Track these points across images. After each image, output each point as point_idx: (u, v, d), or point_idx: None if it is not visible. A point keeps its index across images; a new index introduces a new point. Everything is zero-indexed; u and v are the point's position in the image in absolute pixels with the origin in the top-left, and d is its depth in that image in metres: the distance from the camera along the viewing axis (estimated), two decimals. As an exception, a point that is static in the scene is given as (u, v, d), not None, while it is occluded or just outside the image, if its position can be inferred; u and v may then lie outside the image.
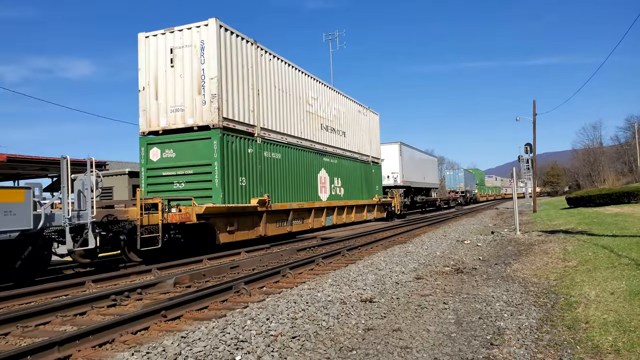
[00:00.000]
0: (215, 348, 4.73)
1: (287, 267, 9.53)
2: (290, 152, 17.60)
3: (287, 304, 6.48)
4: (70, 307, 6.82)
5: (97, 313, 6.83)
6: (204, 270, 9.72)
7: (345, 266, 10.15)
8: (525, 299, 6.74)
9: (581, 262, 9.12)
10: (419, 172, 40.52)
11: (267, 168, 15.91)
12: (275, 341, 4.96)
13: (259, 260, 11.45)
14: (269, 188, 15.89)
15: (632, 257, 8.86)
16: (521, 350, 4.59)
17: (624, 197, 29.96)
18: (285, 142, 17.22)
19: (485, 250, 12.69)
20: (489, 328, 5.41)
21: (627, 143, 75.79)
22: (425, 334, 5.29)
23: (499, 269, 9.47)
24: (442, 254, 11.82)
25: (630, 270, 7.66)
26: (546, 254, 10.91)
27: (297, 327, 5.45)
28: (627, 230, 13.75)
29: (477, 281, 8.23)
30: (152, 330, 5.75)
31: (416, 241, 14.81)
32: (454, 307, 6.41)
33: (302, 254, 12.96)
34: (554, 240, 13.21)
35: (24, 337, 5.72)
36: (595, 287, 6.81)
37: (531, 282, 7.95)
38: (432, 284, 8.08)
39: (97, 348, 5.09)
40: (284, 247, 15.23)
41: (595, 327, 5.08)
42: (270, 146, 16.18)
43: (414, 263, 10.26)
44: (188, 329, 5.42)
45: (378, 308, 6.43)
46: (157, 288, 8.37)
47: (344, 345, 4.94)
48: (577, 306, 6.02)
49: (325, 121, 21.07)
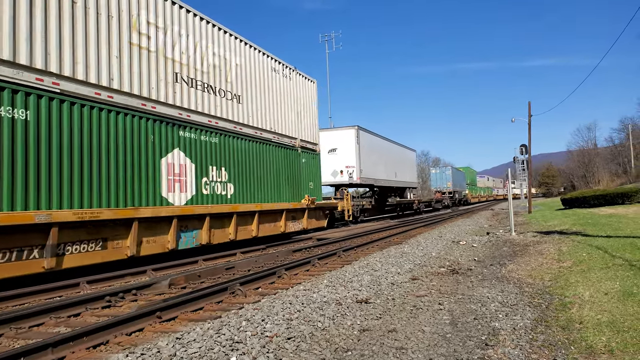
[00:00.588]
0: (210, 349, 4.72)
1: (282, 268, 9.53)
2: (72, 112, 9.44)
3: (282, 304, 6.48)
4: (64, 308, 6.79)
5: (92, 314, 6.80)
6: (199, 271, 9.69)
7: (341, 267, 10.15)
8: (520, 299, 6.76)
9: (576, 262, 9.16)
10: (389, 168, 33.37)
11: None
12: (271, 342, 4.96)
13: (255, 261, 11.44)
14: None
15: (625, 257, 8.91)
16: (515, 351, 4.61)
17: (618, 198, 30.14)
18: (53, 89, 9.12)
19: (480, 251, 12.72)
20: (483, 329, 5.43)
21: (621, 144, 76.24)
22: (420, 334, 5.29)
23: (494, 269, 9.50)
24: (437, 254, 11.84)
25: (624, 270, 7.71)
26: (541, 254, 10.96)
27: (293, 328, 5.45)
28: (621, 231, 13.82)
29: (472, 282, 8.25)
30: (147, 332, 5.73)
31: (412, 242, 14.84)
32: (449, 308, 6.42)
33: (297, 255, 12.96)
34: (549, 241, 13.26)
35: (17, 338, 5.68)
36: (590, 288, 6.84)
37: (526, 282, 7.98)
38: (427, 285, 8.10)
39: (91, 349, 5.07)
40: (279, 248, 15.23)
41: (589, 328, 5.11)
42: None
43: (410, 264, 10.27)
44: (183, 330, 5.41)
45: (374, 309, 6.43)
46: (152, 289, 8.35)
47: (339, 346, 4.94)
48: (571, 307, 6.05)
49: (188, 71, 12.93)
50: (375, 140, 31.25)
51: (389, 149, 34.43)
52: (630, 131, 70.45)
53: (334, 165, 26.49)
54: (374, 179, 29.44)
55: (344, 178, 26.63)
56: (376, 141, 31.34)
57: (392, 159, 34.51)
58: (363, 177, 27.24)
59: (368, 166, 28.28)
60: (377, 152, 30.96)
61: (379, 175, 30.63)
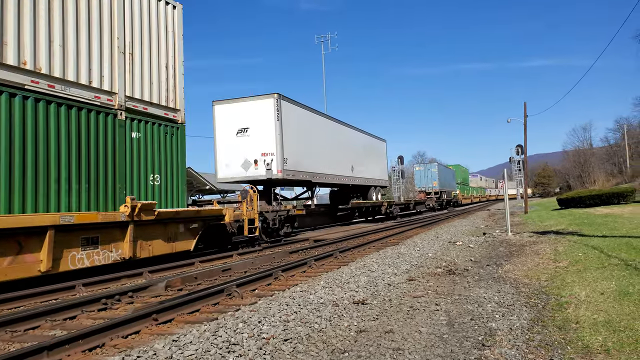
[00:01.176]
0: (207, 351, 4.70)
1: (279, 269, 9.52)
2: None
3: (279, 306, 6.47)
4: (60, 311, 6.75)
5: (88, 317, 6.77)
6: (196, 273, 9.67)
7: (337, 268, 10.15)
8: (516, 299, 6.77)
9: (572, 262, 9.19)
10: (341, 159, 24.78)
11: None
12: (267, 344, 4.94)
13: (251, 262, 11.43)
14: None
15: (621, 257, 8.94)
16: (512, 351, 4.61)
17: (613, 198, 30.27)
18: None
19: (477, 251, 12.74)
20: (480, 329, 5.43)
21: (616, 144, 76.65)
22: (417, 335, 5.29)
23: (491, 270, 9.51)
24: (434, 255, 11.85)
25: (619, 270, 7.73)
26: (537, 254, 10.98)
27: (289, 329, 5.44)
28: (617, 230, 13.88)
29: (469, 282, 8.26)
30: (143, 334, 5.71)
31: (408, 242, 14.85)
32: (446, 309, 6.42)
33: (294, 256, 12.95)
34: (545, 241, 13.30)
35: (12, 341, 5.65)
36: (586, 288, 6.86)
37: (522, 283, 7.99)
38: (424, 286, 8.10)
39: (87, 352, 5.04)
40: (276, 249, 15.21)
41: (586, 327, 5.12)
42: None
43: (406, 264, 10.28)
44: (179, 333, 5.39)
45: (370, 310, 6.43)
46: (148, 291, 8.32)
47: (336, 348, 4.93)
48: (567, 306, 6.06)
49: None
50: (314, 118, 21.72)
51: (341, 133, 25.21)
52: (625, 131, 70.84)
53: (244, 153, 18.12)
54: (311, 172, 20.61)
55: (259, 171, 17.92)
56: (315, 120, 21.85)
57: (346, 147, 25.63)
58: (289, 170, 18.45)
59: (298, 154, 19.38)
60: (317, 136, 21.75)
61: (322, 169, 21.90)
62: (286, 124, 18.47)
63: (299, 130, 19.82)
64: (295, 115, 19.73)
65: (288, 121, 18.71)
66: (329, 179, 23.19)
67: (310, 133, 21.05)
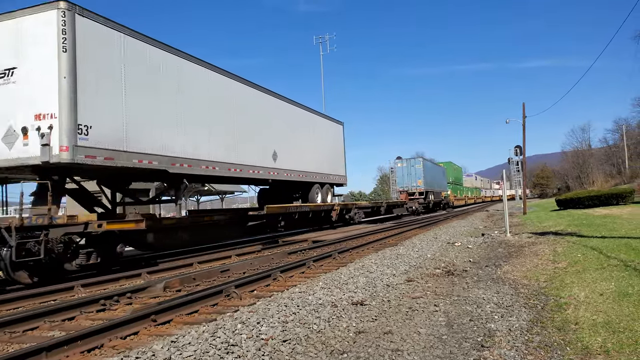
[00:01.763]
0: (206, 352, 4.69)
1: (277, 270, 9.50)
2: None
3: (278, 307, 6.46)
4: (59, 312, 6.74)
5: (86, 318, 6.75)
6: (194, 274, 9.66)
7: (336, 269, 10.14)
8: (515, 300, 6.77)
9: (571, 263, 9.19)
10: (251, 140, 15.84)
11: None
12: (266, 345, 4.94)
13: (250, 263, 11.42)
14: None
15: (620, 258, 8.94)
16: (511, 352, 4.61)
17: (612, 199, 30.30)
18: None
19: (475, 252, 12.74)
20: (479, 330, 5.43)
21: (615, 145, 76.72)
22: (416, 336, 5.29)
23: (490, 271, 9.51)
24: (432, 256, 11.85)
25: (618, 271, 7.73)
26: (536, 255, 10.98)
27: (288, 330, 5.43)
28: (616, 231, 13.88)
29: (467, 283, 8.26)
30: (142, 335, 5.70)
31: (407, 243, 14.84)
32: (444, 310, 6.42)
33: (293, 257, 12.93)
34: (544, 242, 13.30)
35: (11, 342, 5.64)
36: (585, 289, 6.86)
37: (521, 283, 7.99)
38: (423, 287, 8.10)
39: (85, 353, 5.04)
40: (274, 250, 15.21)
41: (585, 328, 5.12)
42: None
43: (405, 265, 10.27)
44: (178, 333, 5.38)
45: (369, 311, 6.42)
46: (147, 292, 8.30)
47: (335, 349, 4.92)
48: (566, 307, 6.06)
49: None
50: (184, 68, 12.88)
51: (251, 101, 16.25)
52: (624, 132, 70.91)
53: (7, 115, 9.59)
54: (168, 157, 11.81)
55: (29, 148, 9.34)
56: (188, 71, 13.01)
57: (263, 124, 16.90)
58: (99, 148, 9.87)
59: (132, 120, 10.83)
60: (190, 97, 12.97)
61: (196, 152, 13.01)
62: (93, 61, 9.98)
63: (136, 78, 11.13)
64: (128, 52, 10.97)
65: (99, 56, 10.20)
66: (221, 171, 14.13)
67: (172, 90, 12.34)
